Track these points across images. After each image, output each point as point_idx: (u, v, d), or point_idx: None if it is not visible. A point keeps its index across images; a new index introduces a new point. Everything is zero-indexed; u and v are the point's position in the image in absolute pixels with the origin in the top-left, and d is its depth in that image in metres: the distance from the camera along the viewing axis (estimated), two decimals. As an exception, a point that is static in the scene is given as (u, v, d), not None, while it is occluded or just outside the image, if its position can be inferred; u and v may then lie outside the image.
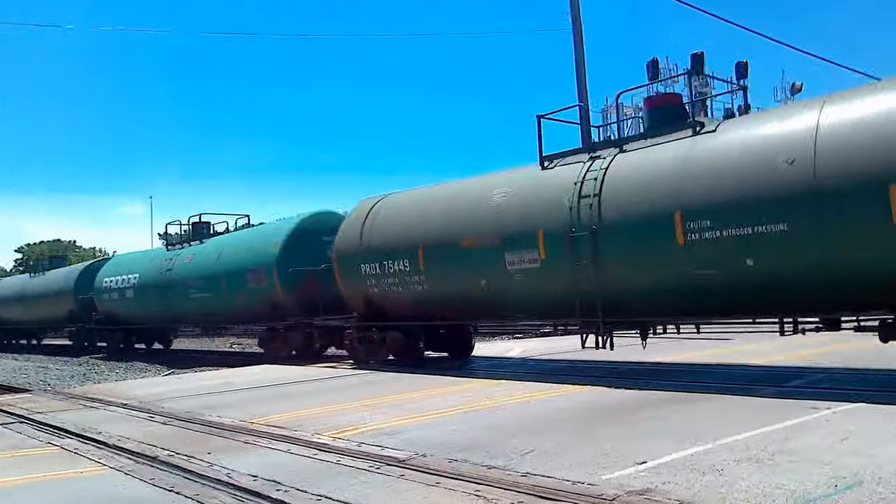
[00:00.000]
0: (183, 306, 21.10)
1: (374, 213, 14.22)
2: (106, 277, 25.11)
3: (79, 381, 17.43)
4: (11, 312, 34.73)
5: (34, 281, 32.75)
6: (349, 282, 14.30)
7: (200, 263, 20.23)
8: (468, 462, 5.59)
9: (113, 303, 24.53)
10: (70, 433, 8.24)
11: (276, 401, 10.12)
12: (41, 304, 31.19)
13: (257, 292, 17.69)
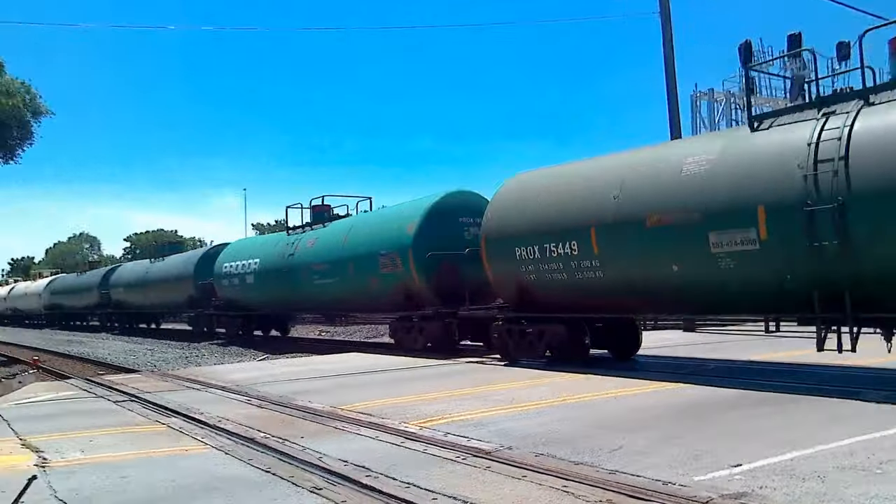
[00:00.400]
0: (306, 292, 20.12)
1: (529, 189, 12.69)
2: (226, 263, 24.53)
3: (182, 363, 18.37)
4: (133, 297, 35.00)
5: (155, 266, 32.74)
6: (499, 267, 12.73)
7: (325, 247, 19.26)
8: (554, 457, 5.59)
9: (233, 288, 23.90)
10: (175, 412, 8.73)
11: (363, 388, 10.39)
12: (161, 290, 31.25)
13: (389, 278, 16.42)
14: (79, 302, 43.54)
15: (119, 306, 36.94)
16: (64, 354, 24.55)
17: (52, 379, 14.87)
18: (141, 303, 34.43)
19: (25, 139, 23.81)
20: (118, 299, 36.59)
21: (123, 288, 35.77)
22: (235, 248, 25.64)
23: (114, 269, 39.89)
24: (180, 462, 6.08)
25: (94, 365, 20.04)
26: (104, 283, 38.18)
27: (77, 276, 47.05)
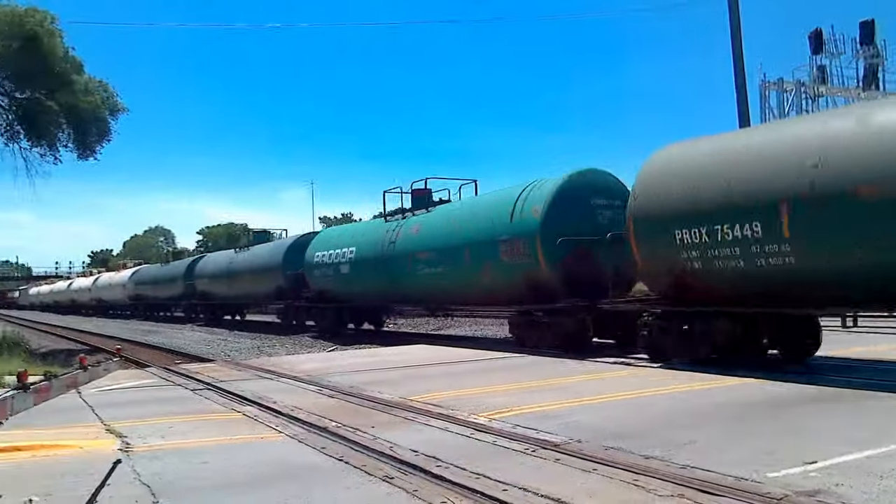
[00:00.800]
0: (408, 283, 18.39)
1: (689, 162, 10.86)
2: (318, 252, 23.00)
3: (255, 353, 18.90)
4: (219, 288, 33.95)
5: (240, 257, 31.61)
6: (651, 253, 10.97)
7: (431, 234, 17.53)
8: (624, 450, 5.54)
9: (325, 279, 22.40)
10: (249, 401, 9.00)
11: (432, 379, 10.49)
12: (247, 280, 30.02)
13: (511, 268, 14.52)
14: (163, 293, 43.19)
15: (204, 297, 36.14)
16: (143, 344, 25.56)
17: (133, 367, 15.48)
18: (226, 294, 33.38)
19: (103, 136, 24.65)
20: (203, 290, 35.83)
21: (208, 279, 34.91)
22: (328, 237, 24.31)
23: (198, 260, 39.15)
24: (256, 449, 6.28)
25: (172, 354, 20.82)
26: (189, 273, 37.55)
27: (161, 267, 46.95)
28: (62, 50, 22.04)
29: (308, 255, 23.61)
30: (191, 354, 19.95)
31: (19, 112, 23.64)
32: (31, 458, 6.11)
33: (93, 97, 23.18)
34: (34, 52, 21.06)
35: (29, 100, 23.11)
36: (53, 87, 22.07)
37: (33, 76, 21.83)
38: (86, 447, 6.52)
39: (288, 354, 17.80)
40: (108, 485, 5.15)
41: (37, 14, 21.59)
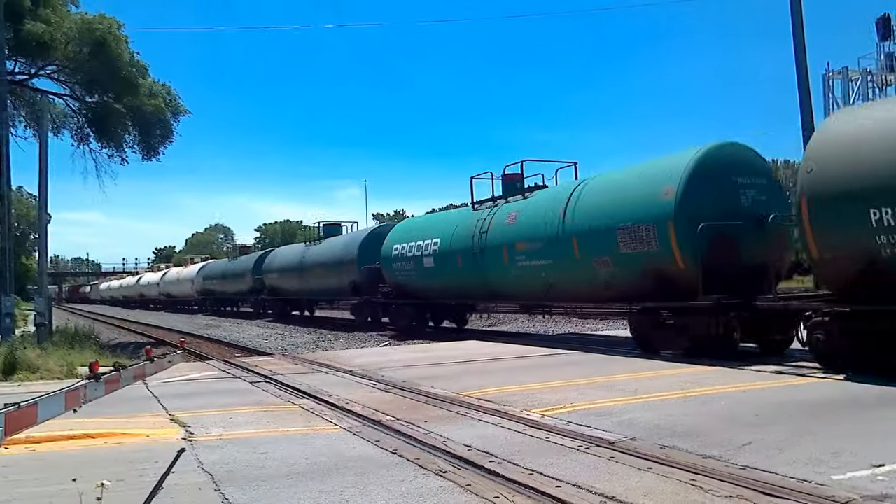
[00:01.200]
0: (502, 277, 16.62)
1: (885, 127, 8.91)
2: (396, 244, 21.42)
3: (310, 348, 19.25)
4: (288, 283, 32.73)
5: (312, 251, 30.13)
6: (836, 238, 9.04)
7: (531, 222, 15.48)
8: (681, 449, 5.47)
9: (405, 273, 20.83)
10: (306, 394, 9.19)
11: (484, 375, 10.51)
12: (319, 275, 28.56)
13: (633, 259, 12.53)
14: (231, 288, 42.69)
15: (273, 292, 35.07)
16: (204, 337, 26.30)
17: (195, 360, 15.95)
18: (297, 289, 31.89)
19: (166, 137, 25.47)
20: (272, 285, 34.79)
21: (278, 273, 33.80)
22: (408, 227, 22.55)
23: (267, 254, 37.94)
24: (313, 441, 6.41)
25: (231, 347, 21.39)
26: (257, 268, 36.74)
27: (229, 262, 46.02)
28: (128, 55, 22.85)
29: (385, 248, 22.01)
30: (249, 348, 20.46)
31: (89, 115, 24.63)
32: (103, 445, 6.40)
33: (156, 100, 23.95)
34: (103, 57, 21.89)
35: (98, 103, 24.04)
36: (120, 90, 22.89)
37: (102, 80, 22.68)
38: (152, 436, 6.79)
39: (343, 349, 18.07)
40: (173, 472, 5.34)
41: (105, 20, 22.42)
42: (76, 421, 6.22)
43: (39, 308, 17.83)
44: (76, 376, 11.71)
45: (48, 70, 24.19)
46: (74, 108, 25.43)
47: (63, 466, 5.52)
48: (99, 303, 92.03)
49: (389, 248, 21.84)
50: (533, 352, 13.63)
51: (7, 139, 19.53)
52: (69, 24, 21.98)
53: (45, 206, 18.39)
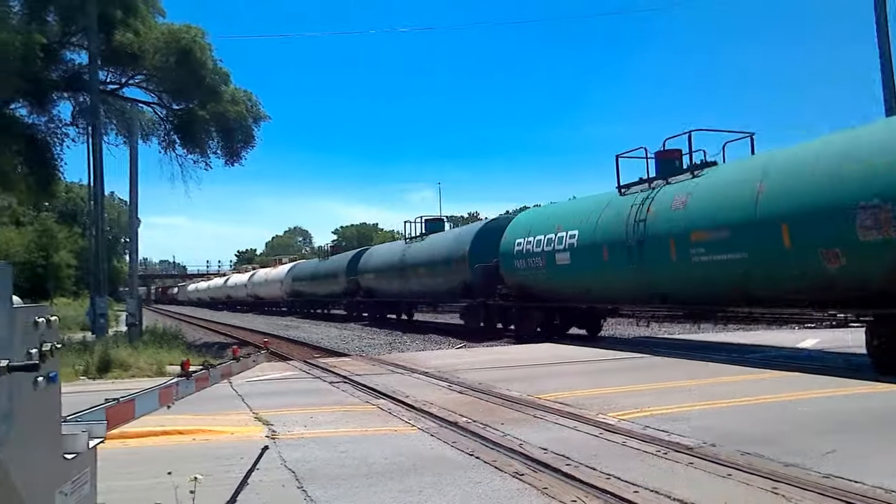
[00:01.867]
0: (672, 274, 13.56)
1: None
2: (519, 238, 18.79)
3: (386, 349, 19.55)
4: (387, 284, 30.55)
5: (414, 248, 27.58)
6: None
7: (711, 206, 12.62)
8: (762, 456, 5.34)
9: (532, 272, 18.09)
10: (383, 394, 9.37)
11: (559, 378, 10.47)
12: (423, 275, 26.01)
13: (878, 248, 9.53)
14: (322, 289, 40.60)
15: (369, 294, 32.67)
16: (284, 338, 27.02)
17: (276, 360, 16.44)
18: (397, 290, 29.23)
19: (248, 143, 26.31)
20: (368, 286, 32.53)
21: (374, 273, 31.42)
22: (532, 219, 19.48)
23: (362, 253, 35.35)
24: (391, 441, 6.55)
25: (310, 348, 21.92)
26: (351, 268, 34.47)
27: (320, 262, 43.47)
28: (211, 63, 23.74)
29: (506, 243, 19.32)
30: (328, 349, 20.92)
31: (175, 122, 25.71)
32: (192, 441, 6.70)
33: (238, 106, 24.78)
34: (188, 66, 22.82)
35: (183, 110, 25.07)
36: (204, 97, 23.80)
37: (187, 88, 23.65)
38: (237, 433, 7.06)
39: (418, 351, 18.27)
40: (257, 469, 5.56)
41: (190, 30, 23.36)
42: (167, 417, 6.54)
43: (131, 309, 18.74)
44: (165, 374, 12.28)
45: (137, 79, 25.42)
46: (161, 116, 26.61)
47: (156, 461, 5.82)
48: (186, 304, 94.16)
49: (510, 242, 19.17)
50: (608, 355, 13.48)
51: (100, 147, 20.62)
52: (156, 35, 23.01)
53: (135, 211, 19.31)
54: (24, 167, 24.54)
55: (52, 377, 2.08)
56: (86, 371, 13.12)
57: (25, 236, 58.10)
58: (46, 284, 56.80)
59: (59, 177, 27.65)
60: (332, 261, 40.16)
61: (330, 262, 40.53)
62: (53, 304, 49.33)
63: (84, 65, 23.80)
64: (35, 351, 1.97)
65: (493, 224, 22.83)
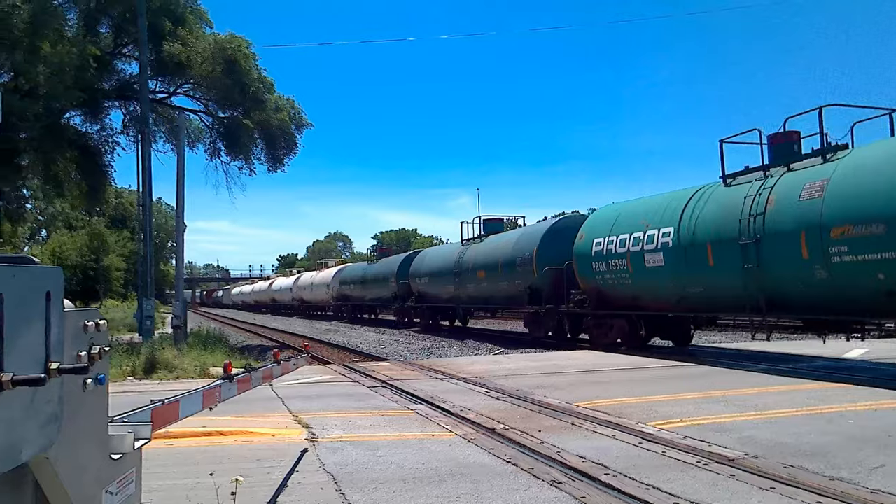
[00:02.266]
0: (803, 278, 11.67)
1: None
2: (597, 237, 16.90)
3: (424, 354, 19.62)
4: (442, 289, 28.39)
5: (472, 250, 25.79)
6: None
7: (859, 194, 10.76)
8: (806, 469, 5.24)
9: (614, 276, 16.27)
10: (421, 400, 9.41)
11: (598, 386, 10.38)
12: (483, 279, 24.06)
13: None
14: (370, 293, 38.79)
15: (422, 299, 30.72)
16: (324, 342, 27.29)
17: (315, 364, 16.62)
18: (452, 295, 27.38)
19: (291, 150, 26.68)
20: (420, 291, 30.61)
21: (427, 277, 29.53)
22: (613, 215, 17.17)
23: (413, 256, 33.59)
24: (429, 446, 6.58)
25: (350, 352, 22.10)
26: (402, 272, 32.92)
27: (369, 265, 41.85)
28: (256, 71, 24.17)
29: (581, 244, 17.51)
30: (366, 353, 21.06)
31: (221, 130, 26.24)
32: (234, 443, 6.82)
33: (282, 114, 25.17)
34: (234, 75, 23.28)
35: (229, 118, 25.57)
36: (249, 105, 24.24)
37: (233, 97, 24.12)
38: (277, 436, 7.17)
39: (456, 356, 18.28)
40: (296, 471, 5.64)
41: (235, 40, 23.84)
42: (209, 418, 6.69)
43: (176, 311, 19.10)
44: (208, 376, 12.51)
45: (185, 88, 26.01)
46: (208, 124, 27.19)
47: (198, 461, 5.94)
48: (231, 307, 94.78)
49: (587, 243, 17.27)
50: (648, 363, 13.31)
51: (149, 154, 21.13)
52: (203, 45, 23.52)
53: (181, 216, 19.70)
54: (78, 174, 25.32)
55: (101, 379, 2.15)
56: (132, 372, 13.44)
57: (78, 240, 59.87)
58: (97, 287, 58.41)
59: (110, 183, 28.49)
60: (382, 264, 38.48)
61: (379, 265, 38.92)
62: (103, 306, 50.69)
63: (135, 74, 24.48)
64: (84, 354, 2.05)
65: (565, 222, 20.86)
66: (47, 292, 1.81)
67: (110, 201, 44.82)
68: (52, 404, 1.82)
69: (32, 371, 1.68)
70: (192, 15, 24.20)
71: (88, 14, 22.92)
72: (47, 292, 1.81)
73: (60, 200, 30.76)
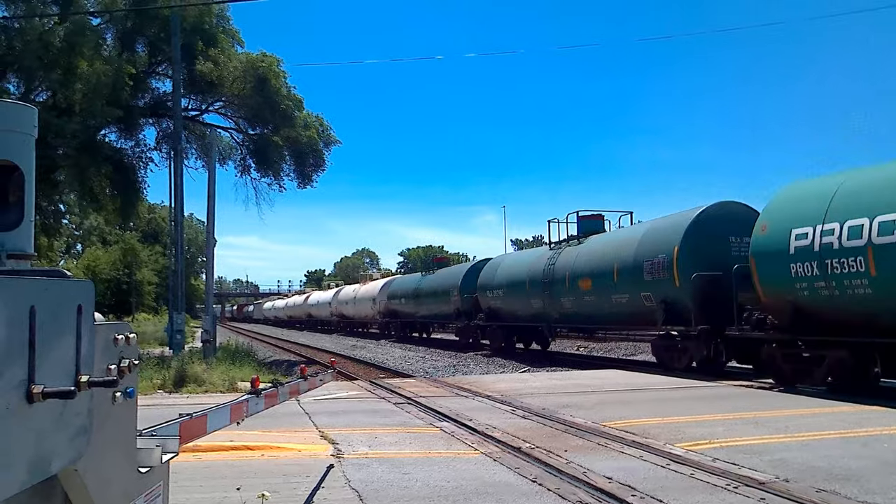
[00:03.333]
0: None
1: None
2: (797, 228, 11.41)
3: (450, 371, 19.56)
4: (519, 304, 23.25)
5: (566, 255, 20.45)
6: None
7: None
8: (839, 494, 5.11)
9: (838, 282, 10.63)
10: (447, 417, 9.38)
11: (625, 406, 10.26)
12: (583, 291, 18.84)
13: None
14: (426, 309, 33.51)
15: (494, 316, 25.36)
16: (350, 357, 27.36)
17: (342, 379, 16.65)
18: (537, 311, 21.89)
19: (319, 166, 26.96)
20: (492, 306, 25.38)
21: (503, 290, 24.31)
22: (819, 193, 11.53)
23: (481, 266, 28.32)
24: (454, 464, 6.55)
25: (376, 369, 22.11)
26: (468, 283, 28.20)
27: (424, 276, 36.26)
28: (286, 89, 24.52)
29: (767, 237, 12.02)
30: (392, 370, 21.06)
31: (251, 147, 26.62)
32: (261, 458, 6.86)
33: (310, 131, 25.48)
34: (264, 93, 23.66)
35: (259, 135, 25.95)
36: (278, 123, 24.58)
37: (263, 114, 24.49)
38: (303, 451, 7.19)
39: (482, 374, 18.20)
40: (322, 487, 5.65)
41: (266, 58, 24.24)
42: (237, 433, 6.70)
43: (206, 326, 19.30)
44: (237, 390, 12.60)
45: (216, 106, 26.48)
46: (238, 141, 27.61)
47: (226, 475, 5.98)
48: (263, 322, 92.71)
49: (779, 234, 11.80)
50: (675, 383, 13.13)
51: (181, 170, 21.50)
52: (235, 63, 23.95)
53: (212, 231, 19.95)
54: (112, 189, 25.81)
55: (130, 393, 2.18)
56: (162, 385, 13.59)
57: (112, 255, 60.98)
58: (129, 300, 59.35)
59: (143, 198, 28.99)
60: (441, 275, 32.94)
61: (437, 276, 33.37)
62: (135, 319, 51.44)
63: (168, 92, 25.00)
64: (114, 367, 2.08)
65: (722, 209, 15.31)
66: (79, 305, 1.84)
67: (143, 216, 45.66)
68: (82, 417, 1.85)
69: (63, 384, 1.71)
70: (224, 34, 24.66)
71: (125, 34, 23.48)
72: (79, 305, 1.84)
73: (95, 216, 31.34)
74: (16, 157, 2.31)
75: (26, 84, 21.95)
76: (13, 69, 21.74)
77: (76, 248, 71.92)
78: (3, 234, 2.28)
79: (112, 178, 24.75)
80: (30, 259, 2.35)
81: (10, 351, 1.55)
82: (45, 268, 2.41)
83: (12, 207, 2.33)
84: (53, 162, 21.83)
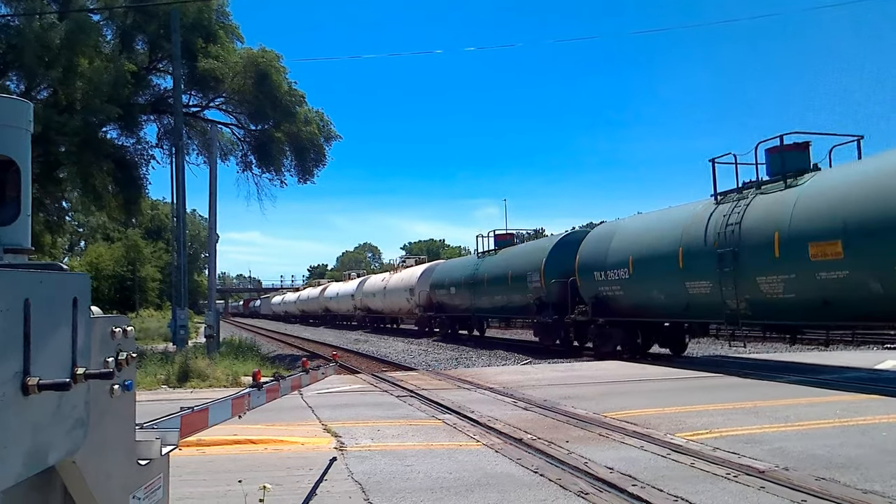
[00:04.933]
0: None
1: None
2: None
3: (452, 364, 19.59)
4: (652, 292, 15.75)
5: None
6: None
7: None
8: (838, 482, 5.13)
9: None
10: (449, 409, 9.41)
11: (626, 396, 10.28)
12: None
13: None
14: (488, 300, 26.53)
15: (603, 308, 18.04)
16: (353, 351, 27.40)
17: (345, 373, 16.69)
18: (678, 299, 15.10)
19: (320, 161, 26.92)
20: (602, 294, 17.98)
21: (616, 270, 17.20)
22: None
23: (575, 240, 20.70)
24: (456, 456, 6.57)
25: (379, 362, 22.14)
26: (555, 263, 21.11)
27: (482, 258, 27.97)
28: (286, 85, 24.47)
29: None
30: (395, 363, 21.09)
31: (252, 142, 26.60)
32: (264, 451, 6.89)
33: (311, 126, 25.44)
34: (265, 89, 23.61)
35: (260, 131, 25.92)
36: (279, 118, 24.54)
37: (264, 110, 24.45)
38: (306, 444, 7.22)
39: (484, 366, 18.23)
40: (325, 479, 5.68)
41: (266, 54, 24.19)
42: (240, 427, 6.76)
43: (209, 321, 19.33)
44: (240, 385, 12.64)
45: (217, 102, 26.43)
46: (239, 136, 27.57)
47: (230, 469, 6.01)
48: (271, 318, 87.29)
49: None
50: (676, 374, 13.15)
51: (183, 166, 21.51)
52: (235, 59, 23.90)
53: (214, 227, 19.95)
54: (114, 186, 25.82)
55: (128, 385, 2.20)
56: (166, 380, 13.64)
57: (115, 251, 61.05)
58: (133, 296, 59.45)
59: (145, 195, 28.99)
60: (510, 255, 25.62)
61: (504, 257, 26.06)
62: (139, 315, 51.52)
63: (169, 89, 24.95)
64: (111, 359, 2.10)
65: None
66: (74, 298, 1.86)
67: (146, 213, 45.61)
68: (79, 409, 1.87)
69: (59, 376, 1.73)
70: (224, 31, 24.60)
71: (125, 31, 23.43)
72: (74, 298, 1.86)
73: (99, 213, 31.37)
74: (11, 152, 2.33)
75: (27, 82, 21.93)
76: (14, 67, 21.74)
77: (80, 246, 72.10)
78: (0, 229, 2.29)
79: (114, 174, 24.76)
80: (27, 253, 2.36)
81: (5, 343, 1.56)
82: (40, 262, 2.43)
83: (9, 202, 2.34)
84: (56, 159, 21.85)
